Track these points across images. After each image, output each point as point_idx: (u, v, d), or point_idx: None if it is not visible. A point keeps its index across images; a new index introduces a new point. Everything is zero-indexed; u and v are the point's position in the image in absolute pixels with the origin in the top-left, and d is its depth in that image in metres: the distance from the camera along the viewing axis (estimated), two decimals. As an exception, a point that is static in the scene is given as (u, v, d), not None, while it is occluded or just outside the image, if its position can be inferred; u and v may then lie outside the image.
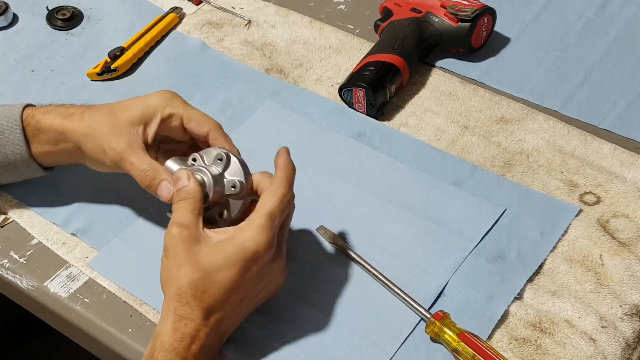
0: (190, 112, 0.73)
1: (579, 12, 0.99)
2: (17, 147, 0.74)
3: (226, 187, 0.69)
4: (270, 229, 0.63)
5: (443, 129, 0.87)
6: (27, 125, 0.74)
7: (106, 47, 0.98)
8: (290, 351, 0.68)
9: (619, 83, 0.90)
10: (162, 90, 0.75)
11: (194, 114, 0.73)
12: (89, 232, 0.79)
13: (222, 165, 0.70)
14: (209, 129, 0.72)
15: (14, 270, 0.77)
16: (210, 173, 0.69)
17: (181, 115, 0.72)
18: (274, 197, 0.65)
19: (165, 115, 0.72)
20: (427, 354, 0.68)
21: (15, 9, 1.04)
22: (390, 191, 0.80)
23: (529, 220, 0.77)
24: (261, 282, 0.66)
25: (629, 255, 0.74)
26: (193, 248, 0.63)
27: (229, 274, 0.63)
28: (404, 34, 0.91)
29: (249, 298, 0.66)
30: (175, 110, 0.72)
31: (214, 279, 0.63)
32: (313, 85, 0.93)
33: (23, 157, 0.75)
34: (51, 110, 0.75)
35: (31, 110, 0.75)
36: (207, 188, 0.68)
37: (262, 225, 0.63)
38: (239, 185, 0.69)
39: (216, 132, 0.72)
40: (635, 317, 0.70)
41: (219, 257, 0.63)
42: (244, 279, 0.63)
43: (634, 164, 0.81)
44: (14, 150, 0.75)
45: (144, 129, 0.72)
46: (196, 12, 1.04)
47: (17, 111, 0.75)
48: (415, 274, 0.73)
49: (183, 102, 0.74)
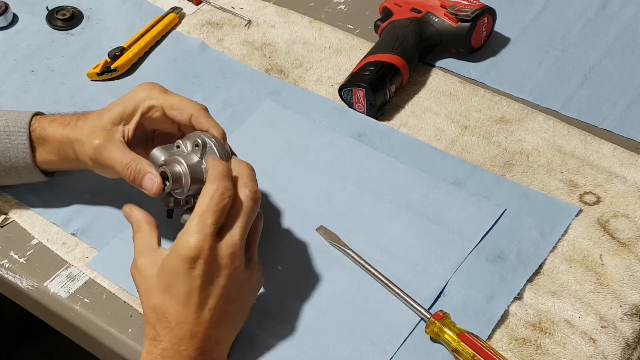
0: (169, 100, 0.72)
1: (579, 12, 0.99)
2: (22, 152, 0.75)
3: (204, 174, 0.68)
4: (202, 230, 0.62)
5: (443, 129, 0.87)
6: (33, 132, 0.75)
7: (106, 47, 0.98)
8: (290, 351, 0.69)
9: (619, 83, 0.90)
10: (143, 83, 0.74)
11: (174, 102, 0.72)
12: (89, 232, 0.79)
13: (199, 151, 0.69)
14: (191, 114, 0.71)
15: (14, 271, 0.77)
16: (187, 162, 0.68)
17: (161, 105, 0.72)
18: (203, 196, 0.63)
19: (146, 108, 0.72)
20: (427, 354, 0.68)
21: (15, 9, 1.04)
22: (390, 191, 0.80)
23: (529, 220, 0.77)
24: (227, 287, 0.63)
25: (629, 255, 0.74)
26: (148, 275, 0.64)
27: (178, 287, 0.62)
28: (404, 34, 0.91)
29: (220, 306, 0.64)
30: (154, 102, 0.72)
31: (168, 297, 0.63)
32: (313, 85, 0.93)
33: (26, 163, 0.75)
34: (57, 119, 0.75)
35: (40, 118, 0.76)
36: (184, 179, 0.68)
37: (192, 228, 0.62)
38: None
39: (199, 115, 0.71)
40: (635, 317, 0.70)
41: (165, 274, 0.63)
42: (195, 286, 0.62)
43: (634, 164, 0.81)
44: (17, 155, 0.75)
45: (124, 126, 0.71)
46: (196, 12, 1.04)
47: (25, 118, 0.75)
48: (415, 274, 0.73)
49: (162, 91, 0.73)
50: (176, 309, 0.63)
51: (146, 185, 0.68)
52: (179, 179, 0.68)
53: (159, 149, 0.71)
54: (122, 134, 0.71)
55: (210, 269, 0.62)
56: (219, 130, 0.71)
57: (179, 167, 0.68)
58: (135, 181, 0.69)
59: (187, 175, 0.68)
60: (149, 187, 0.68)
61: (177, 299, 0.63)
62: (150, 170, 0.68)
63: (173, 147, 0.71)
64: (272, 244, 0.76)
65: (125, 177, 0.69)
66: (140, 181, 0.69)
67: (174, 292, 0.63)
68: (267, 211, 0.79)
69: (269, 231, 0.78)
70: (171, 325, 0.63)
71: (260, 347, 0.69)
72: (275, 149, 0.85)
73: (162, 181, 0.68)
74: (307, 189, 0.81)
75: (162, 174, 0.68)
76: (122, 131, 0.71)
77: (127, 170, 0.69)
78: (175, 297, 0.63)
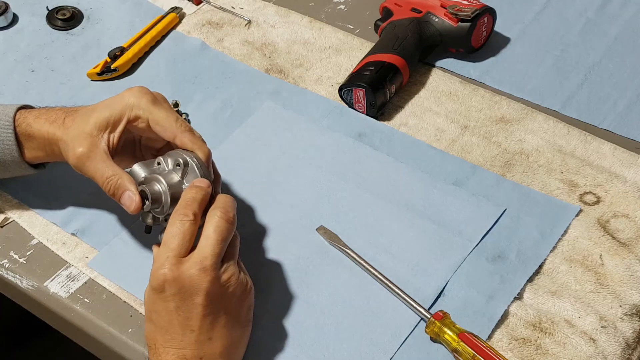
0: (156, 114, 0.70)
1: (579, 12, 0.99)
2: (8, 147, 0.74)
3: None
4: (165, 253, 0.62)
5: (443, 129, 0.87)
6: (18, 127, 0.74)
7: (106, 47, 0.98)
8: (290, 351, 0.69)
9: (619, 83, 0.90)
10: (134, 88, 0.72)
11: (160, 118, 0.70)
12: (89, 232, 0.79)
13: (180, 171, 0.68)
14: (175, 135, 0.69)
15: (14, 270, 0.77)
16: (167, 182, 0.68)
17: (147, 117, 0.70)
18: (169, 226, 0.64)
19: (132, 117, 0.70)
20: (427, 354, 0.68)
21: (15, 9, 1.04)
22: (390, 191, 0.80)
23: (529, 220, 0.77)
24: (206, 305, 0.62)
25: (629, 255, 0.74)
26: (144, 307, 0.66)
27: (157, 313, 0.64)
28: (404, 34, 0.91)
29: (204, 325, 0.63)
30: (140, 113, 0.70)
31: (152, 325, 0.64)
32: (313, 85, 0.93)
33: (13, 157, 0.75)
34: (43, 113, 0.74)
35: (25, 112, 0.75)
36: (163, 199, 0.67)
37: (157, 256, 0.64)
38: None
39: (182, 137, 0.69)
40: (635, 317, 0.70)
41: (146, 304, 0.65)
42: (171, 309, 0.62)
43: (634, 164, 0.81)
44: (4, 150, 0.74)
45: (109, 134, 0.70)
46: (196, 12, 1.04)
47: (10, 112, 0.74)
48: (415, 274, 0.73)
49: (151, 102, 0.70)
50: (160, 336, 0.64)
51: (125, 202, 0.68)
52: (158, 199, 0.67)
53: (139, 164, 0.70)
54: (107, 142, 0.70)
55: (180, 290, 0.62)
56: (205, 151, 0.70)
57: (159, 186, 0.67)
58: (114, 196, 0.68)
59: (166, 195, 0.67)
60: (128, 204, 0.67)
61: (159, 325, 0.63)
62: (130, 187, 0.67)
63: (154, 163, 0.70)
64: (273, 244, 0.76)
65: (105, 191, 0.69)
66: (119, 197, 0.68)
67: (154, 319, 0.64)
68: (267, 211, 0.79)
69: (269, 231, 0.78)
70: (159, 351, 0.63)
71: (260, 347, 0.69)
72: (275, 149, 0.85)
73: (140, 200, 0.67)
74: (307, 189, 0.81)
75: (142, 192, 0.67)
76: (107, 139, 0.70)
77: (107, 184, 0.68)
78: (157, 324, 0.64)
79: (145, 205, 0.67)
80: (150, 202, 0.67)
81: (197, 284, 0.62)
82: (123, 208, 0.68)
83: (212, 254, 0.63)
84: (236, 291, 0.65)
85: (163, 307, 0.63)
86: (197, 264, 0.62)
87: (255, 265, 0.74)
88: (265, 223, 0.78)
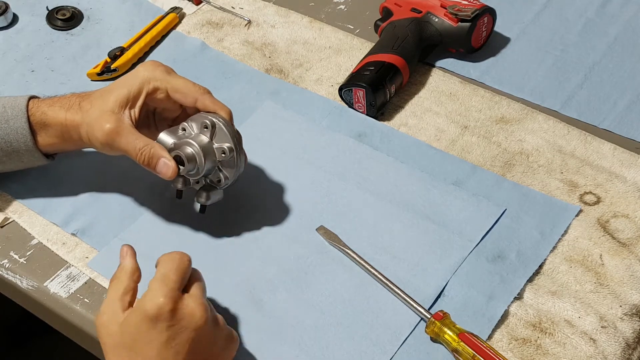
0: (174, 82, 0.73)
1: (579, 12, 0.99)
2: (22, 136, 0.75)
3: (217, 153, 0.71)
4: (166, 285, 0.61)
5: (443, 129, 0.87)
6: (31, 116, 0.75)
7: (106, 47, 0.98)
8: (290, 351, 0.68)
9: (619, 83, 0.90)
10: (147, 62, 0.75)
11: (178, 85, 0.72)
12: (89, 232, 0.79)
13: (209, 132, 0.71)
14: (196, 98, 0.72)
15: (14, 271, 0.77)
16: (199, 143, 0.70)
17: (165, 87, 0.72)
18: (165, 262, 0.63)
19: (150, 90, 0.72)
20: (427, 354, 0.68)
21: (15, 9, 1.04)
22: (390, 191, 0.80)
23: (529, 220, 0.77)
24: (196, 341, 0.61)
25: (629, 255, 0.74)
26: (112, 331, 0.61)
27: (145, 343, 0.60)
28: (404, 34, 0.91)
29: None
30: (159, 84, 0.72)
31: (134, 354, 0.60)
32: (313, 85, 0.93)
33: (27, 146, 0.75)
34: (56, 102, 0.75)
35: (37, 101, 0.76)
36: (198, 160, 0.70)
37: (156, 286, 0.61)
38: (228, 150, 0.71)
39: (204, 98, 0.72)
40: (635, 317, 0.70)
41: (130, 332, 0.60)
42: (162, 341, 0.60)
43: (634, 164, 0.81)
44: (18, 139, 0.75)
45: (130, 110, 0.72)
46: (196, 12, 1.04)
47: (22, 101, 0.75)
48: (415, 274, 0.73)
49: (166, 72, 0.73)
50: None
51: (161, 169, 0.69)
52: (193, 160, 0.70)
53: (165, 132, 0.72)
54: (130, 118, 0.72)
55: (175, 322, 0.60)
56: (227, 111, 0.73)
57: (191, 148, 0.70)
58: (149, 165, 0.70)
59: (200, 156, 0.70)
60: (164, 171, 0.69)
61: (143, 355, 0.60)
62: (164, 154, 0.70)
63: (178, 130, 0.72)
64: (273, 244, 0.76)
65: (139, 162, 0.70)
66: (155, 165, 0.70)
67: (139, 349, 0.60)
68: (267, 211, 0.79)
69: (269, 231, 0.78)
70: None
71: (260, 347, 0.69)
72: (275, 149, 0.85)
73: (176, 165, 0.69)
74: (307, 189, 0.81)
75: (176, 157, 0.70)
76: (129, 115, 0.72)
77: (141, 155, 0.70)
78: (140, 354, 0.60)
79: (181, 170, 0.70)
80: (186, 164, 0.69)
81: (195, 319, 0.61)
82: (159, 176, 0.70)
83: (203, 296, 0.63)
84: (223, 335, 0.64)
85: (155, 337, 0.60)
86: (194, 300, 0.61)
87: (255, 265, 0.75)
88: (265, 223, 0.78)
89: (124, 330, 0.61)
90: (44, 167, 0.79)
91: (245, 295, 0.72)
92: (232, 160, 0.72)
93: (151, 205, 0.80)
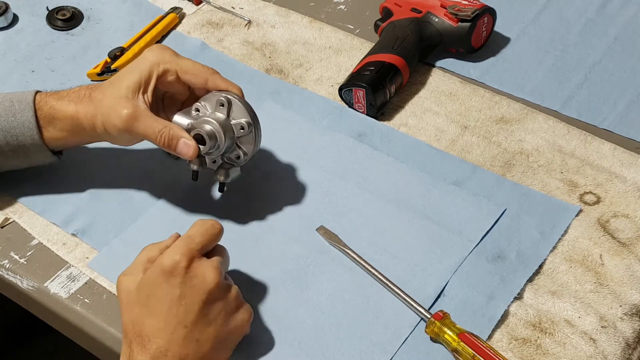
0: (182, 64, 0.73)
1: (579, 12, 0.99)
2: (29, 130, 0.74)
3: (235, 129, 0.72)
4: (188, 245, 0.63)
5: (443, 129, 0.87)
6: (39, 110, 0.75)
7: (106, 47, 0.98)
8: (290, 351, 0.69)
9: (619, 83, 0.90)
10: (154, 46, 0.76)
11: (187, 66, 0.73)
12: (89, 233, 0.79)
13: (225, 110, 0.72)
14: (206, 78, 0.73)
15: (15, 271, 0.77)
16: (217, 120, 0.71)
17: (175, 69, 0.73)
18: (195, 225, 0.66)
19: (161, 72, 0.73)
20: (427, 354, 0.68)
21: (15, 9, 1.04)
22: (390, 191, 0.80)
23: (529, 220, 0.77)
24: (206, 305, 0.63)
25: (629, 255, 0.74)
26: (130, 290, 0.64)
27: (157, 297, 0.62)
28: (404, 34, 0.91)
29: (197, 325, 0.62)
30: (168, 66, 0.73)
31: (146, 309, 0.62)
32: (313, 85, 0.93)
33: (34, 140, 0.75)
34: (64, 95, 0.75)
35: (44, 95, 0.76)
36: (218, 136, 0.71)
37: (179, 245, 0.63)
38: (246, 125, 0.72)
39: (214, 78, 0.73)
40: (635, 317, 0.70)
41: (145, 286, 0.63)
42: (174, 297, 0.62)
43: (634, 164, 0.81)
44: (24, 133, 0.74)
45: (143, 94, 0.72)
46: (196, 12, 1.04)
47: (29, 95, 0.75)
48: (415, 274, 0.73)
49: (174, 55, 0.74)
50: (151, 323, 0.62)
51: (182, 149, 0.70)
52: (213, 137, 0.71)
53: (179, 114, 0.73)
54: (145, 102, 0.72)
55: (187, 280, 0.62)
56: (238, 88, 0.74)
57: (210, 126, 0.71)
58: (170, 146, 0.71)
59: (220, 132, 0.71)
60: (185, 150, 0.70)
61: (155, 311, 0.62)
62: (183, 134, 0.70)
63: (192, 111, 0.73)
64: (273, 244, 0.76)
65: (160, 144, 0.71)
66: (175, 146, 0.70)
67: (152, 304, 0.62)
68: (268, 211, 0.79)
69: (269, 231, 0.78)
70: (144, 341, 0.61)
71: (260, 347, 0.69)
72: (275, 149, 0.85)
73: (196, 143, 0.70)
74: (307, 189, 0.81)
75: (196, 136, 0.71)
76: (143, 99, 0.72)
77: (160, 137, 0.70)
78: (152, 310, 0.62)
79: (202, 149, 0.71)
80: (207, 143, 0.70)
81: (207, 280, 0.63)
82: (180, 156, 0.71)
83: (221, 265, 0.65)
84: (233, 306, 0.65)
85: (167, 292, 0.62)
86: (211, 263, 0.64)
87: (255, 265, 0.75)
88: (265, 223, 0.78)
89: (140, 287, 0.63)
90: (46, 167, 0.79)
91: (246, 295, 0.72)
92: (250, 135, 0.73)
93: (151, 205, 0.80)
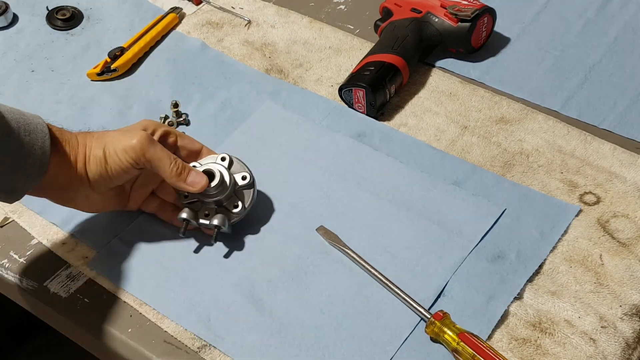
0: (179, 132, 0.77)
1: (579, 12, 0.99)
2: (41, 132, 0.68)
3: (237, 179, 0.74)
4: None
5: (443, 129, 0.87)
6: None
7: (106, 47, 0.98)
8: (290, 351, 0.68)
9: (619, 83, 0.90)
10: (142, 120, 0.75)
11: (184, 134, 0.77)
12: (89, 232, 0.79)
13: (226, 163, 0.75)
14: (201, 146, 0.77)
15: (14, 270, 0.77)
16: (222, 166, 0.74)
17: (175, 133, 0.76)
18: None
19: (163, 132, 0.74)
20: (427, 354, 0.68)
21: (15, 9, 1.04)
22: (390, 191, 0.80)
23: (529, 220, 0.77)
24: None
25: (629, 255, 0.74)
26: None
27: None
28: (404, 34, 0.91)
29: None
30: (169, 129, 0.75)
31: None
32: (313, 85, 0.93)
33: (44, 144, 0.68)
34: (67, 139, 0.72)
35: None
36: (225, 176, 0.73)
37: None
38: (248, 175, 0.75)
39: (206, 148, 0.77)
40: (635, 317, 0.70)
41: None
42: None
43: (634, 164, 0.81)
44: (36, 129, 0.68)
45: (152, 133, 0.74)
46: (196, 12, 1.04)
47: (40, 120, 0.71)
48: (415, 274, 0.73)
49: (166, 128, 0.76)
50: None
51: (193, 179, 0.71)
52: (220, 175, 0.73)
53: None
54: None
55: None
56: None
57: (220, 169, 0.73)
58: (181, 175, 0.71)
59: (226, 172, 0.73)
60: (197, 180, 0.71)
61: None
62: (193, 168, 0.73)
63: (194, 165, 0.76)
64: (273, 243, 0.76)
65: (171, 171, 0.71)
66: (187, 176, 0.71)
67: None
68: (268, 211, 0.79)
69: (269, 231, 0.78)
70: None
71: (260, 347, 0.69)
72: (275, 149, 0.85)
73: (207, 178, 0.72)
74: (307, 189, 0.81)
75: (206, 171, 0.73)
76: None
77: (175, 164, 0.71)
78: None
79: (210, 185, 0.72)
80: (216, 178, 0.72)
81: None
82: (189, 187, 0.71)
83: None
84: None
85: None
86: None
87: (255, 265, 0.75)
88: (265, 223, 0.78)
89: None
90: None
91: (245, 295, 0.72)
92: (250, 190, 0.75)
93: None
